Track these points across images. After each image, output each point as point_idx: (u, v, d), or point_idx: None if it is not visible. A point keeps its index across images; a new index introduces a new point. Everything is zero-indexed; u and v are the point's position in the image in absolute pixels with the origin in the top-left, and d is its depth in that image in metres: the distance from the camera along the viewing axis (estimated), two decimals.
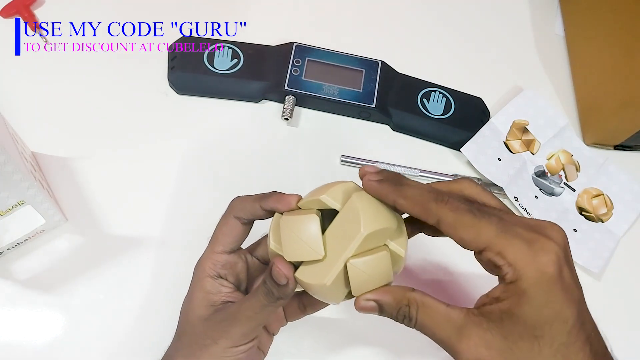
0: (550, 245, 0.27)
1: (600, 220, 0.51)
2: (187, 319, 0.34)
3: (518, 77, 0.58)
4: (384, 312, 0.30)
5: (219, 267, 0.34)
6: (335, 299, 0.31)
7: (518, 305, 0.26)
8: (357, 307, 0.30)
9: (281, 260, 0.30)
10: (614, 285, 0.49)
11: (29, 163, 0.42)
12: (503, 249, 0.27)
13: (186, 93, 0.52)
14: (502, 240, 0.27)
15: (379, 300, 0.30)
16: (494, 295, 0.28)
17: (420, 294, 0.30)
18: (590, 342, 0.27)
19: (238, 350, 0.32)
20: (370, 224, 0.29)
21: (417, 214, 0.29)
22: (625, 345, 0.46)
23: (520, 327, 0.27)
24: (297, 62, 0.52)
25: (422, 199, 0.29)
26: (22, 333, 0.41)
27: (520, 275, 0.26)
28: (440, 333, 0.28)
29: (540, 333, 0.26)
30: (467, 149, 0.51)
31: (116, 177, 0.47)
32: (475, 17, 0.62)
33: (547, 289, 0.26)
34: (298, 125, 0.53)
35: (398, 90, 0.53)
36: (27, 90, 0.50)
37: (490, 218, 0.28)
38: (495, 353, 0.27)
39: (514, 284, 0.26)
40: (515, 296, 0.26)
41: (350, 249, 0.29)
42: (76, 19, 0.54)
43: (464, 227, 0.28)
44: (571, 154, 0.54)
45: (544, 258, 0.26)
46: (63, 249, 0.44)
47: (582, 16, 0.59)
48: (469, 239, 0.28)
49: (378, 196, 0.30)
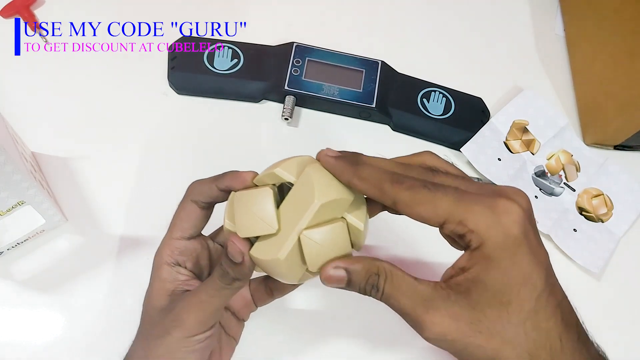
0: (513, 207, 0.26)
1: (600, 220, 0.51)
2: (145, 309, 0.33)
3: (518, 77, 0.58)
4: (352, 283, 0.28)
5: (176, 254, 0.33)
6: (292, 277, 0.30)
7: (484, 271, 0.26)
8: (324, 277, 0.28)
9: (236, 236, 0.29)
10: (614, 286, 0.49)
11: (28, 163, 0.42)
12: (463, 217, 0.26)
13: (186, 93, 0.52)
14: (460, 208, 0.26)
15: (349, 269, 0.28)
16: (460, 266, 0.27)
17: (389, 264, 0.28)
18: (561, 310, 0.27)
19: (194, 340, 0.30)
20: (324, 194, 0.28)
21: (372, 195, 0.28)
22: (626, 345, 0.46)
23: (488, 294, 0.26)
24: (297, 62, 0.52)
25: (378, 180, 0.28)
26: (21, 333, 0.41)
27: (484, 240, 0.25)
28: (406, 305, 0.27)
29: (507, 299, 0.26)
30: (467, 149, 0.51)
31: (116, 177, 0.47)
32: (475, 17, 0.62)
33: (512, 251, 0.25)
34: (298, 125, 0.53)
35: (398, 90, 0.53)
36: (27, 90, 0.50)
37: (446, 189, 0.27)
38: (463, 324, 0.26)
39: (478, 249, 0.26)
40: (480, 262, 0.26)
41: (303, 220, 0.28)
42: (76, 19, 0.54)
43: (421, 204, 0.27)
44: (571, 154, 0.54)
45: (507, 220, 0.26)
46: (63, 249, 0.44)
47: (582, 16, 0.59)
48: (427, 214, 0.27)
49: (333, 173, 0.29)
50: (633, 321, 0.48)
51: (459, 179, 0.29)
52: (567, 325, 0.27)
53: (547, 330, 0.26)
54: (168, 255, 0.33)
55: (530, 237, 0.26)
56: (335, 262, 0.28)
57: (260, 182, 0.30)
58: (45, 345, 0.41)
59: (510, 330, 0.26)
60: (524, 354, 0.26)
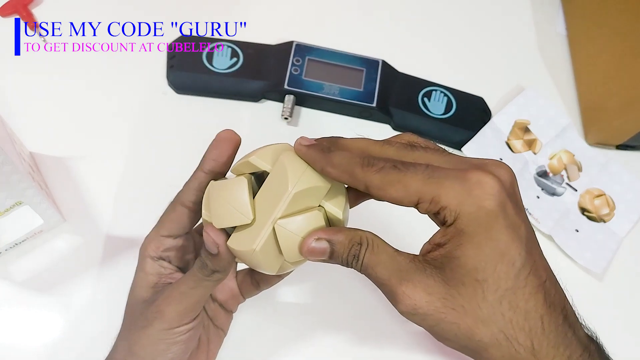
0: (487, 179, 0.25)
1: (603, 220, 0.51)
2: (128, 302, 0.33)
3: (520, 77, 0.57)
4: (335, 254, 0.27)
5: (161, 250, 0.33)
6: (270, 268, 0.29)
7: (458, 246, 0.25)
8: (306, 251, 0.27)
9: (210, 226, 0.28)
10: (616, 286, 0.48)
11: (27, 163, 0.41)
12: (435, 193, 0.25)
13: (185, 92, 0.52)
14: (432, 185, 0.25)
15: (332, 239, 0.27)
16: (435, 242, 0.26)
17: (371, 233, 0.27)
18: (544, 290, 0.25)
19: (176, 332, 0.30)
20: (298, 182, 0.27)
21: (345, 182, 0.27)
22: (627, 346, 0.46)
23: (462, 270, 0.25)
24: (297, 61, 0.52)
25: (348, 165, 0.27)
26: (20, 333, 0.41)
27: (458, 214, 0.24)
28: (382, 274, 0.26)
29: (483, 276, 0.24)
30: (468, 148, 0.51)
31: (115, 177, 0.47)
32: (477, 16, 0.61)
33: (487, 226, 0.24)
34: (298, 125, 0.52)
35: (399, 90, 0.53)
36: (26, 90, 0.50)
37: (417, 167, 0.26)
38: (435, 298, 0.25)
39: (452, 225, 0.25)
40: (454, 238, 0.25)
41: (278, 209, 0.27)
42: (75, 18, 0.54)
43: (391, 185, 0.26)
44: (573, 153, 0.53)
45: (479, 192, 0.24)
46: (61, 249, 0.44)
47: (584, 15, 0.59)
48: (398, 195, 0.26)
49: (307, 162, 0.28)
50: (635, 321, 0.47)
51: (437, 153, 0.28)
52: (551, 306, 0.25)
53: (526, 310, 0.25)
54: (153, 250, 0.33)
55: (509, 211, 0.25)
56: (317, 232, 0.27)
57: (237, 172, 0.30)
58: (44, 346, 0.41)
59: (486, 308, 0.24)
60: (499, 334, 0.25)
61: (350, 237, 0.27)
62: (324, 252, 0.27)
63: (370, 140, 0.29)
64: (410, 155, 0.28)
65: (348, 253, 0.27)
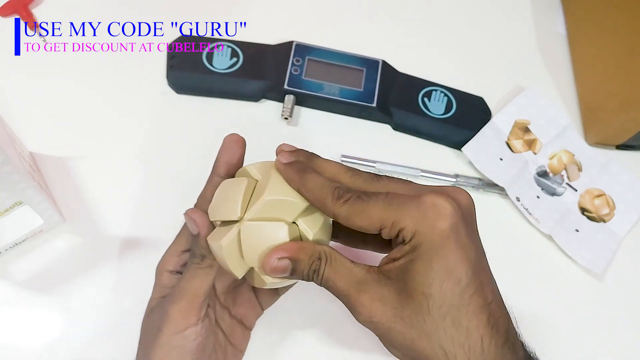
0: (440, 202, 0.27)
1: (603, 220, 0.51)
2: (144, 318, 0.34)
3: (520, 77, 0.57)
4: (296, 271, 0.29)
5: (180, 265, 0.33)
6: (234, 269, 0.29)
7: (410, 261, 0.26)
8: (269, 269, 0.28)
9: (194, 209, 0.30)
10: (616, 286, 0.48)
11: (27, 163, 0.41)
12: (395, 219, 0.27)
13: (185, 93, 0.52)
14: (391, 211, 0.27)
15: (293, 257, 0.28)
16: (392, 256, 0.28)
17: (328, 247, 0.29)
18: (489, 311, 0.26)
19: (185, 335, 0.30)
20: (275, 191, 0.29)
21: (317, 207, 0.29)
22: (628, 346, 0.46)
23: (412, 283, 0.26)
24: (297, 61, 0.52)
25: (321, 193, 0.28)
26: (20, 333, 0.41)
27: (414, 234, 0.26)
28: (341, 286, 0.28)
29: (429, 291, 0.26)
30: (468, 148, 0.51)
31: (115, 177, 0.47)
32: (477, 16, 0.61)
33: (439, 245, 0.26)
34: (298, 125, 0.52)
35: (399, 90, 0.53)
36: (26, 90, 0.50)
37: (378, 196, 0.28)
38: (388, 308, 0.27)
39: (408, 243, 0.27)
40: (408, 253, 0.27)
41: (250, 212, 0.28)
42: (76, 18, 0.54)
43: (356, 215, 0.28)
44: (573, 153, 0.53)
45: (433, 214, 0.26)
46: (61, 250, 0.44)
47: (584, 15, 0.59)
48: (363, 224, 0.27)
49: (284, 177, 0.30)
50: (635, 321, 0.47)
51: (400, 182, 0.30)
52: (494, 327, 0.26)
53: (468, 328, 0.26)
54: (171, 264, 0.33)
55: (461, 233, 0.26)
56: (277, 252, 0.28)
57: (239, 175, 0.32)
58: (44, 346, 0.41)
59: (429, 322, 0.26)
60: (439, 349, 0.26)
61: (310, 254, 0.28)
62: (285, 269, 0.28)
63: (342, 168, 0.31)
64: (375, 185, 0.29)
65: (309, 269, 0.28)
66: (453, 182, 0.50)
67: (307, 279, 0.29)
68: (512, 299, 0.47)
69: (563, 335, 0.46)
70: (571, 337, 0.46)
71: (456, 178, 0.50)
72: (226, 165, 0.33)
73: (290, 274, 0.29)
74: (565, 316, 0.47)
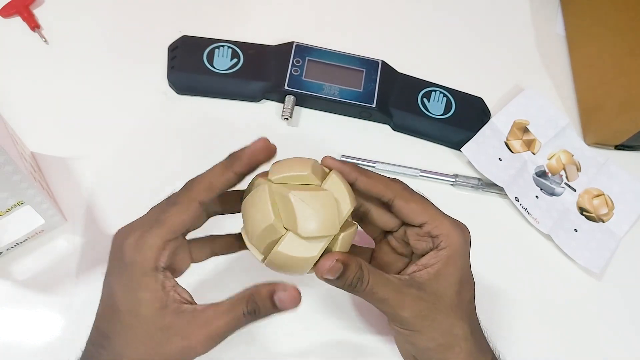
0: (465, 228, 0.34)
1: (601, 220, 0.51)
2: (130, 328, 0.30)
3: (519, 77, 0.58)
4: (343, 276, 0.31)
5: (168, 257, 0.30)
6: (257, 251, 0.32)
7: (445, 266, 0.32)
8: (325, 269, 0.30)
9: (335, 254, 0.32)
10: (615, 286, 0.49)
11: (28, 163, 0.41)
12: (441, 223, 0.33)
13: (186, 93, 0.52)
14: (440, 217, 0.33)
15: (345, 262, 0.31)
16: (423, 263, 0.33)
17: (363, 259, 0.32)
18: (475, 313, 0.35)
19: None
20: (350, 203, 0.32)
21: (377, 190, 0.33)
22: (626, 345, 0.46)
23: (445, 284, 0.32)
24: (297, 61, 0.52)
25: (381, 178, 0.34)
26: (21, 333, 0.41)
27: (450, 244, 0.33)
28: (384, 294, 0.31)
29: (459, 288, 0.33)
30: (467, 148, 0.51)
31: (116, 177, 0.47)
32: (476, 16, 0.62)
33: (463, 256, 0.33)
34: (298, 125, 0.52)
35: (398, 90, 0.53)
36: (27, 90, 0.50)
37: (429, 200, 0.35)
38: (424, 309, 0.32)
39: (444, 249, 0.32)
40: (444, 259, 0.32)
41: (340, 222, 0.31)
42: (77, 19, 0.54)
43: (415, 202, 0.33)
44: (572, 153, 0.54)
45: (465, 235, 0.33)
46: (62, 249, 0.44)
47: (583, 15, 0.59)
48: (417, 211, 0.33)
49: (342, 170, 0.33)
50: (633, 321, 0.48)
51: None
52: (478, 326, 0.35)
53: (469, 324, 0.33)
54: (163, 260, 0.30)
55: (468, 251, 0.34)
56: (334, 254, 0.31)
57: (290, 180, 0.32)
58: (45, 345, 0.41)
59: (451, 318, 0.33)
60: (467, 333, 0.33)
61: (356, 262, 0.31)
62: (338, 270, 0.31)
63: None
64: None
65: (354, 275, 0.31)
66: (452, 182, 0.51)
67: (350, 287, 0.31)
68: (512, 299, 0.47)
69: (562, 334, 0.46)
70: (570, 336, 0.46)
71: (455, 178, 0.51)
72: (249, 166, 0.32)
73: (338, 277, 0.31)
74: (564, 315, 0.47)
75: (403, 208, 0.33)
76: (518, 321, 0.46)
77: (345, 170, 0.33)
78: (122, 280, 0.30)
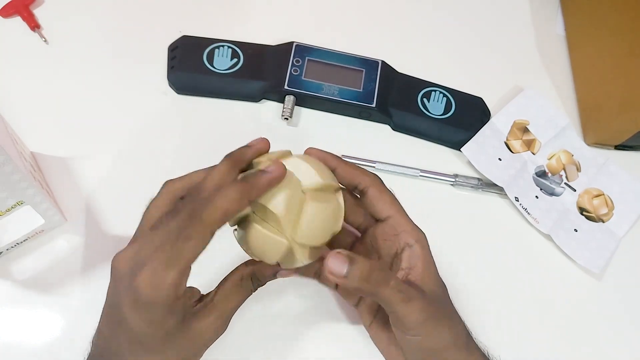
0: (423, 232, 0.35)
1: (601, 220, 0.51)
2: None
3: (519, 77, 0.58)
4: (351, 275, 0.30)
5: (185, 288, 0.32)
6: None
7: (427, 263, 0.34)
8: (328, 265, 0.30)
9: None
10: (615, 286, 0.49)
11: (28, 163, 0.42)
12: (405, 221, 0.35)
13: (186, 93, 0.52)
14: (405, 216, 0.35)
15: (353, 258, 0.31)
16: (405, 266, 0.34)
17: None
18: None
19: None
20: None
21: (353, 177, 0.35)
22: (626, 345, 0.46)
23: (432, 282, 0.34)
24: (297, 61, 0.52)
25: (359, 168, 0.36)
26: (21, 333, 0.41)
27: (418, 239, 0.34)
28: (389, 296, 0.31)
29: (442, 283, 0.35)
30: (467, 148, 0.51)
31: (116, 177, 0.47)
32: (476, 16, 0.62)
33: (430, 252, 0.34)
34: (298, 125, 0.52)
35: (398, 90, 0.53)
36: (27, 90, 0.50)
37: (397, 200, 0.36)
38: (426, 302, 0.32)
39: (415, 245, 0.34)
40: (421, 256, 0.34)
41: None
42: (76, 19, 0.54)
43: (387, 195, 0.35)
44: (572, 154, 0.54)
45: (424, 236, 0.35)
46: (62, 249, 0.44)
47: (583, 16, 0.59)
48: (387, 203, 0.35)
49: (323, 158, 0.36)
50: (633, 321, 0.47)
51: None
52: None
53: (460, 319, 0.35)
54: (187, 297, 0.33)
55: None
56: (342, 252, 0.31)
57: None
58: (45, 345, 0.41)
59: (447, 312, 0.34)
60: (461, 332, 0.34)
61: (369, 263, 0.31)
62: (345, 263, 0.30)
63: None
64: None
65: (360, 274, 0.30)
66: (452, 182, 0.51)
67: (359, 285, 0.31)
68: (511, 298, 0.47)
69: (562, 334, 0.46)
70: (570, 336, 0.46)
71: (455, 178, 0.51)
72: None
73: (345, 275, 0.30)
74: (564, 315, 0.47)
75: (375, 197, 0.35)
76: (518, 321, 0.46)
77: (328, 158, 0.36)
78: (142, 316, 0.29)
